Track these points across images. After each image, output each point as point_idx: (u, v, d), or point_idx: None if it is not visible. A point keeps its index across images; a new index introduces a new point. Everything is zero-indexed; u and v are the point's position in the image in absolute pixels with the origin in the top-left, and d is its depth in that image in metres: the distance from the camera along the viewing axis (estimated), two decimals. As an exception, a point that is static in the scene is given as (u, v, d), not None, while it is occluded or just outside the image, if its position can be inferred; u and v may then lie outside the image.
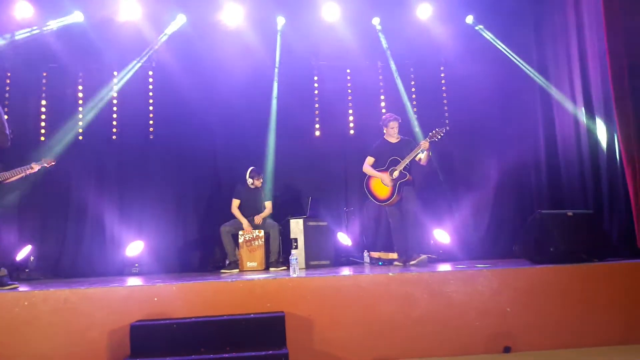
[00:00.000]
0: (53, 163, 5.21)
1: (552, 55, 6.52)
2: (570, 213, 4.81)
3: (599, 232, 4.87)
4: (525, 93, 6.82)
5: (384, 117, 5.77)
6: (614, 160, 5.32)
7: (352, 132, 7.35)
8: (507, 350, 3.86)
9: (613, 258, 4.64)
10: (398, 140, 5.68)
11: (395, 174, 5.46)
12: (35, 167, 5.03)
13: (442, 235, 6.75)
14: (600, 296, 4.04)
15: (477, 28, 7.05)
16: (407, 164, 5.46)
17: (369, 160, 5.70)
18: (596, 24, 5.41)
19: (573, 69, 6.04)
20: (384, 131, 5.71)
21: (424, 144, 5.36)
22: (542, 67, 6.65)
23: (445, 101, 7.34)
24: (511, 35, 6.92)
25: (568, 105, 6.15)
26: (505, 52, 6.90)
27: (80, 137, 6.88)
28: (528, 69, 6.71)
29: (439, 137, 5.38)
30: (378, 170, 5.57)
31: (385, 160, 5.56)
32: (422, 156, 5.44)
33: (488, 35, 7.02)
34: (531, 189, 6.77)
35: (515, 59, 6.82)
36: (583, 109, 5.84)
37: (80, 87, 6.99)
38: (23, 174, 4.95)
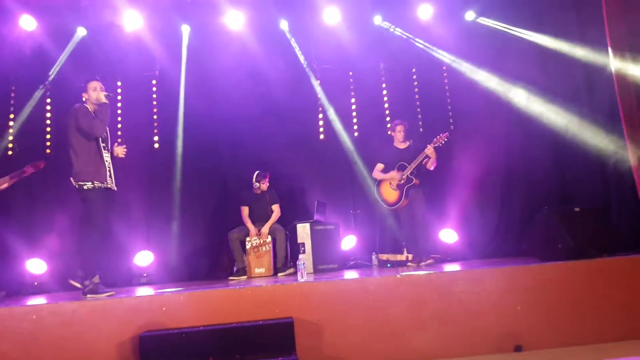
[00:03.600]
0: (43, 165, 5.29)
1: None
2: (577, 209, 4.77)
3: (608, 227, 4.83)
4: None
5: (392, 122, 6.10)
6: (622, 155, 5.26)
7: (356, 134, 7.33)
8: (518, 349, 3.82)
9: (624, 253, 4.58)
10: (406, 146, 5.94)
11: (404, 177, 5.72)
12: (29, 171, 5.17)
13: (450, 235, 6.71)
14: (612, 292, 4.00)
15: (478, 20, 7.01)
16: (413, 169, 5.71)
17: (379, 166, 6.03)
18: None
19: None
20: (393, 135, 6.01)
21: (429, 150, 5.58)
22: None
23: (449, 100, 7.30)
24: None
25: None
26: (510, 31, 6.82)
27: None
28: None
29: (443, 142, 5.63)
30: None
31: (393, 165, 5.86)
32: (429, 162, 5.66)
33: (491, 22, 6.94)
34: (539, 186, 6.69)
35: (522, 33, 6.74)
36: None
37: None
38: (17, 179, 5.16)
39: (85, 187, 4.38)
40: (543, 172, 6.66)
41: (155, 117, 7.15)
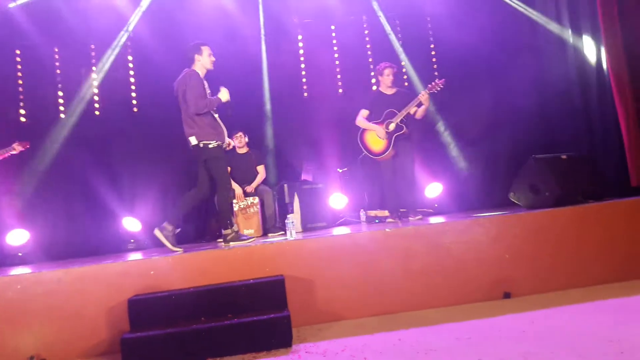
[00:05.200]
0: (27, 146, 5.33)
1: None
2: (564, 156, 4.76)
3: (593, 174, 4.84)
4: (513, 38, 6.67)
5: (378, 65, 5.56)
6: (607, 102, 5.25)
7: (340, 90, 7.20)
8: (507, 296, 3.89)
9: (609, 198, 4.62)
10: (394, 92, 5.48)
11: (392, 126, 5.28)
12: (17, 148, 5.19)
13: (437, 189, 6.71)
14: (598, 236, 4.06)
15: None
16: (403, 117, 5.28)
17: (363, 112, 5.49)
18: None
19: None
20: (379, 80, 5.51)
21: (424, 95, 5.18)
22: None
23: (433, 52, 7.17)
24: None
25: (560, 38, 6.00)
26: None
27: (62, 115, 6.70)
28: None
29: (439, 88, 5.20)
30: (373, 123, 5.39)
31: (381, 112, 5.36)
32: (419, 110, 5.28)
33: None
34: (524, 136, 6.68)
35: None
36: (574, 44, 5.71)
37: (57, 64, 6.76)
38: (7, 154, 5.19)
39: (210, 146, 4.56)
40: (528, 122, 6.64)
41: (132, 80, 6.93)
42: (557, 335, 2.87)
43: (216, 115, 4.72)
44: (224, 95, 4.68)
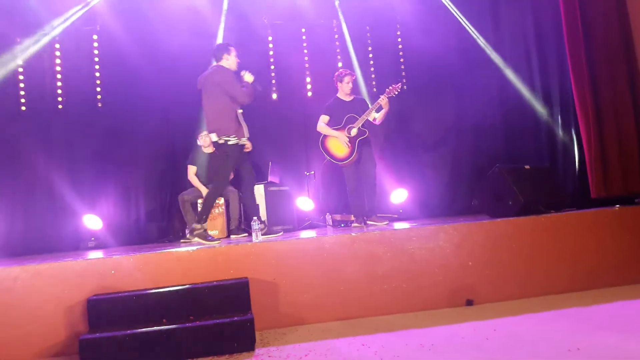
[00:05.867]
0: None
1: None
2: (527, 166, 4.90)
3: (555, 185, 5.00)
4: (477, 52, 6.84)
5: (337, 72, 5.59)
6: (569, 115, 5.43)
7: (309, 94, 7.21)
8: (469, 303, 3.95)
9: (569, 209, 4.77)
10: (352, 98, 5.54)
11: (354, 131, 5.32)
12: None
13: (401, 195, 6.79)
14: (558, 246, 4.18)
15: None
16: (364, 122, 5.34)
17: (324, 118, 5.50)
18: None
19: (527, 22, 6.09)
20: (339, 87, 5.53)
21: (383, 99, 5.27)
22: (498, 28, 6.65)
23: (402, 60, 7.27)
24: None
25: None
26: (459, 18, 6.87)
27: (23, 108, 6.47)
28: (482, 42, 6.73)
29: (396, 92, 5.31)
30: (334, 129, 5.41)
31: (341, 118, 5.40)
32: (378, 115, 5.35)
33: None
34: (487, 145, 6.85)
35: (470, 28, 6.81)
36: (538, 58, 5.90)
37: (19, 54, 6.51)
38: None
39: (229, 143, 4.67)
40: (491, 131, 6.80)
41: (97, 74, 6.75)
42: (520, 343, 2.92)
43: (240, 112, 4.84)
44: (249, 77, 4.86)
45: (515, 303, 3.93)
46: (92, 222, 6.30)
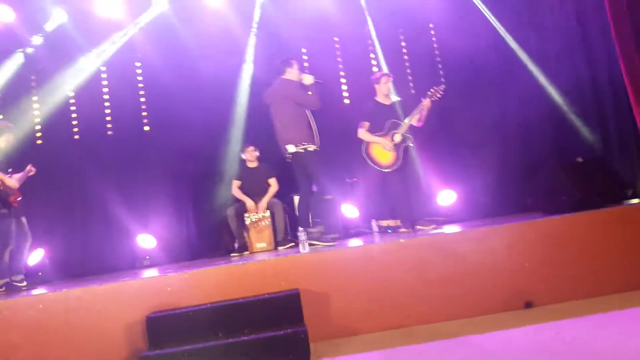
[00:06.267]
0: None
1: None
2: (579, 159, 4.71)
3: (611, 176, 4.76)
4: (519, 48, 6.64)
5: (373, 75, 5.55)
6: (621, 101, 5.17)
7: (347, 101, 7.21)
8: (528, 305, 3.81)
9: (628, 201, 4.53)
10: (391, 102, 5.46)
11: (397, 137, 5.23)
12: (32, 170, 5.38)
13: (449, 196, 6.65)
14: (620, 241, 3.96)
15: None
16: (407, 128, 5.25)
17: (365, 125, 5.40)
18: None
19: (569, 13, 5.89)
20: (376, 89, 5.46)
21: (426, 102, 5.17)
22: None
23: (438, 59, 7.17)
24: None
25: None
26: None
27: (76, 137, 6.82)
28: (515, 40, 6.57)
29: (439, 95, 5.20)
30: (377, 135, 5.34)
31: (382, 123, 5.31)
32: (415, 118, 5.23)
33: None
34: (536, 141, 6.61)
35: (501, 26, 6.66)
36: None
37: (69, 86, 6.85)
38: (25, 176, 5.39)
39: (309, 149, 4.84)
40: (539, 126, 6.58)
41: (142, 99, 7.02)
42: (586, 347, 2.78)
43: (312, 118, 4.96)
44: (308, 79, 4.98)
45: (577, 304, 3.74)
46: (146, 241, 6.50)
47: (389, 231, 5.94)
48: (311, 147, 4.82)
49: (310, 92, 4.89)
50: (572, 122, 6.15)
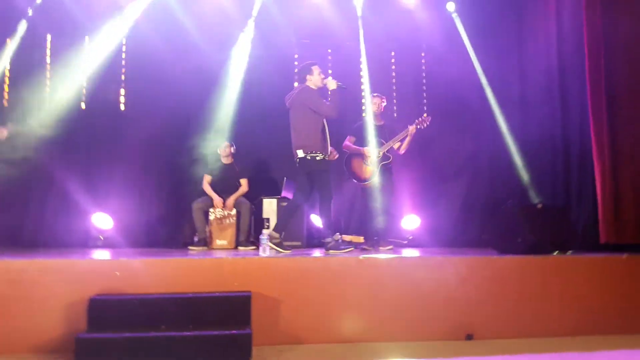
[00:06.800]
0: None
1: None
2: (540, 205, 4.84)
3: (565, 225, 4.91)
4: (502, 87, 6.83)
5: (371, 95, 5.77)
6: (586, 155, 5.35)
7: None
8: (469, 338, 3.89)
9: (576, 251, 4.69)
10: (382, 123, 5.69)
11: (380, 154, 5.49)
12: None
13: (412, 221, 6.75)
14: (562, 288, 4.10)
15: (453, 15, 6.99)
16: (389, 149, 5.51)
17: (350, 139, 5.69)
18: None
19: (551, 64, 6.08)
20: (371, 109, 5.69)
21: (412, 129, 5.42)
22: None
23: (424, 87, 7.30)
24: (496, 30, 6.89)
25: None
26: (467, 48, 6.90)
27: (48, 104, 6.60)
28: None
29: (426, 125, 5.47)
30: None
31: (365, 141, 5.56)
32: (404, 144, 5.53)
33: (460, 27, 6.98)
34: (503, 179, 6.77)
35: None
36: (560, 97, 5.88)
37: (48, 52, 6.68)
38: None
39: (317, 158, 4.84)
40: (508, 166, 6.73)
41: (122, 77, 6.89)
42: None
43: (326, 126, 4.97)
44: (332, 83, 4.96)
45: (513, 341, 3.85)
46: (103, 221, 6.36)
47: (352, 247, 5.97)
48: (319, 156, 4.86)
49: (330, 99, 4.90)
50: (541, 166, 6.33)
